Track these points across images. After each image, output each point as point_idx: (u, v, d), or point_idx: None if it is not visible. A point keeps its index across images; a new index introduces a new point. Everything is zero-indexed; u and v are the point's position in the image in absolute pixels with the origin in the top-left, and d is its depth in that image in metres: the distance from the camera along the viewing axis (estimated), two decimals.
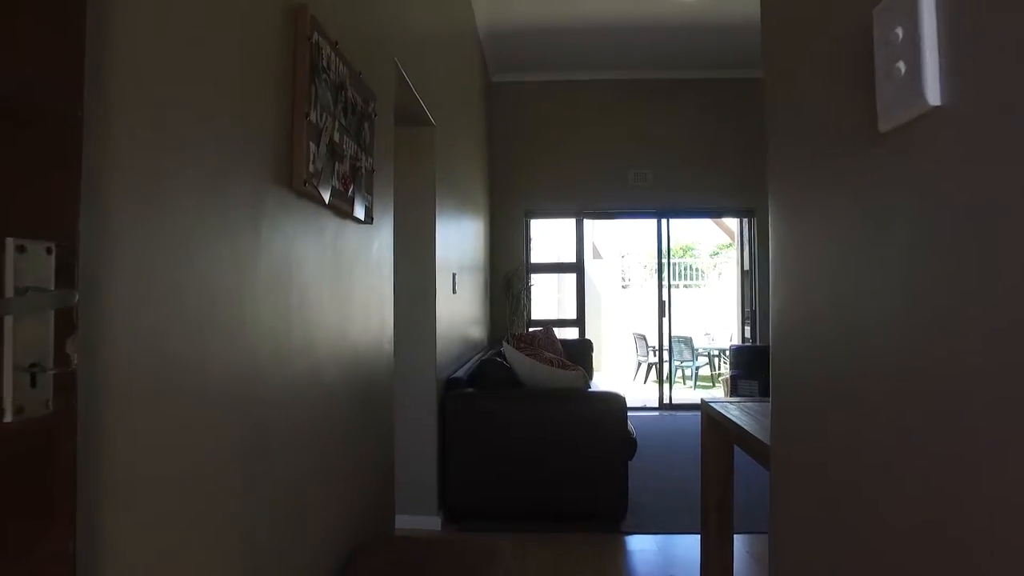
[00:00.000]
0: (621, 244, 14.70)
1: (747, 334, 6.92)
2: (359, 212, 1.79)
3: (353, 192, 1.73)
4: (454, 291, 3.86)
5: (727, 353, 10.18)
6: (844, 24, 0.75)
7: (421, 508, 3.24)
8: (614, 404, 3.21)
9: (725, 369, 10.15)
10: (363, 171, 1.79)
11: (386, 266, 2.24)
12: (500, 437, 3.26)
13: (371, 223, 1.93)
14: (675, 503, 3.71)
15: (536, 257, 7.44)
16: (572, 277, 7.06)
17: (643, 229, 14.12)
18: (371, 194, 1.92)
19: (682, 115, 6.78)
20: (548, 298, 8.27)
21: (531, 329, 6.59)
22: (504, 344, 3.52)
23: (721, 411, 2.09)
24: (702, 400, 2.31)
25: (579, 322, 6.97)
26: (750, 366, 6.21)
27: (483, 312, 5.95)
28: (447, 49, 3.87)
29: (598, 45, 6.17)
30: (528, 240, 7.05)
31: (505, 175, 6.84)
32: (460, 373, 3.66)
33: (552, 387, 3.37)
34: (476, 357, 4.65)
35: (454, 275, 3.86)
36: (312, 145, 1.41)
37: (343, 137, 1.64)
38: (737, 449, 2.25)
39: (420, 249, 3.23)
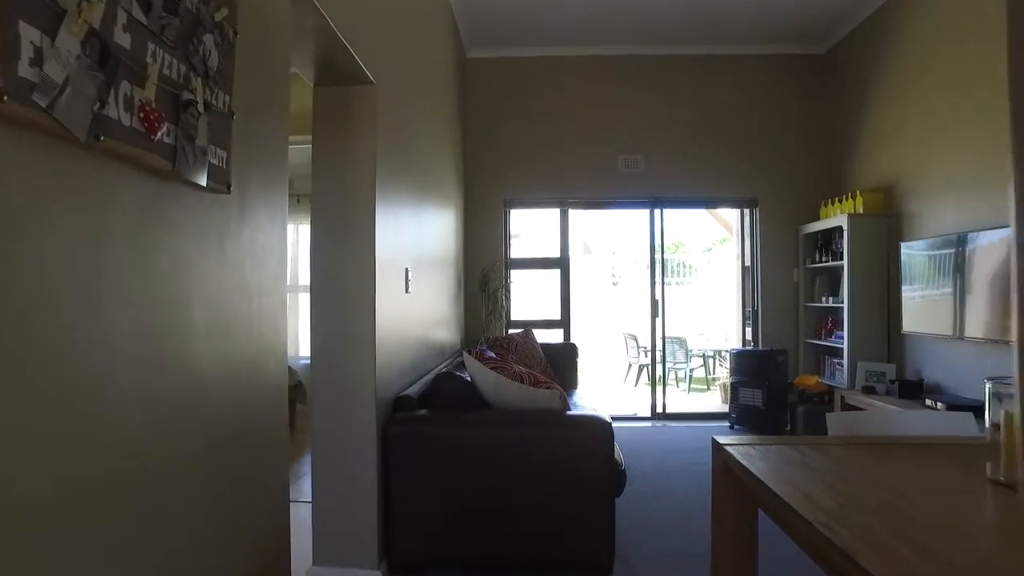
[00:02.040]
0: (611, 239, 14.11)
1: (748, 336, 6.31)
2: (194, 173, 1.15)
3: (177, 139, 1.09)
4: (407, 289, 3.22)
5: (723, 355, 9.61)
6: None
7: (358, 559, 2.60)
8: (598, 431, 2.59)
9: (720, 372, 9.58)
10: (199, 109, 1.15)
11: (275, 257, 1.61)
12: (457, 470, 2.63)
13: (227, 191, 1.30)
14: (673, 543, 3.09)
15: (519, 252, 6.82)
16: (556, 273, 6.43)
17: (634, 223, 13.53)
18: (227, 149, 1.28)
19: (678, 95, 6.16)
20: (531, 297, 7.66)
21: (510, 331, 5.99)
22: (464, 355, 2.89)
23: (743, 462, 1.46)
24: (714, 441, 1.69)
25: (564, 323, 6.35)
26: (753, 372, 5.60)
27: (455, 312, 5.32)
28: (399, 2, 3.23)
29: (585, 18, 5.53)
30: (508, 232, 6.42)
31: (482, 160, 6.21)
32: (413, 390, 3.03)
33: (522, 408, 2.75)
34: (439, 366, 4.02)
35: (407, 270, 3.22)
36: (32, 31, 0.78)
37: (143, 44, 1.00)
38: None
39: (353, 238, 2.59)
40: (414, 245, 3.50)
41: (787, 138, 6.10)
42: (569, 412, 2.70)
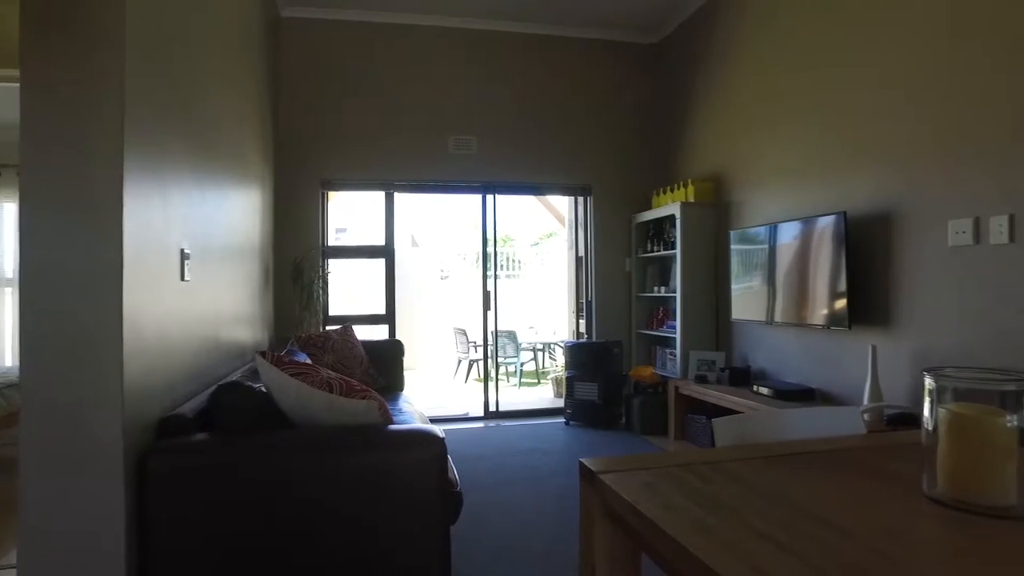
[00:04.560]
0: (439, 233, 13.69)
1: (582, 328, 6.15)
2: None
3: None
4: (184, 276, 2.51)
5: (552, 348, 9.55)
6: None
7: None
8: (428, 449, 2.09)
9: (551, 365, 9.51)
10: None
11: None
12: (247, 512, 2.00)
13: None
14: (514, 569, 2.69)
15: (343, 240, 6.12)
16: (381, 264, 5.83)
17: (463, 216, 13.21)
18: None
19: (513, 75, 5.83)
20: (353, 290, 7.00)
21: (328, 328, 5.34)
22: (257, 358, 2.25)
23: (638, 506, 1.04)
24: (583, 466, 1.26)
25: (389, 318, 5.77)
26: (588, 365, 5.42)
27: (261, 307, 4.55)
28: None
29: None
30: (325, 217, 5.72)
31: (296, 135, 5.45)
32: (189, 407, 2.33)
33: (334, 424, 2.18)
34: (235, 373, 3.30)
35: (184, 252, 2.51)
36: None
37: None
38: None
39: (87, 207, 1.86)
40: (197, 223, 2.77)
41: (621, 125, 6.01)
42: (392, 427, 2.17)
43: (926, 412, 1.08)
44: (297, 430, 2.17)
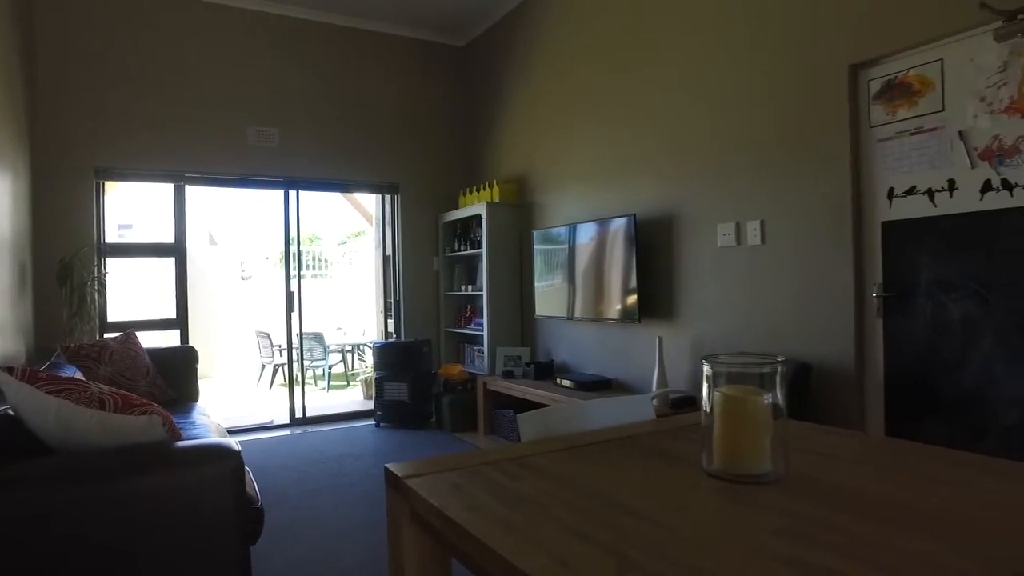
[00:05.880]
0: (239, 230, 12.78)
1: (391, 328, 6.07)
2: None
3: None
4: None
5: (361, 349, 9.32)
6: None
7: None
8: (223, 465, 1.91)
9: (360, 366, 9.28)
10: None
11: None
12: None
13: None
14: None
15: (127, 236, 5.45)
16: (171, 263, 5.29)
17: (265, 213, 12.45)
18: None
19: (318, 66, 5.58)
20: (136, 292, 6.27)
21: (106, 336, 4.75)
22: (0, 374, 1.91)
23: (448, 512, 1.02)
24: (388, 472, 1.22)
25: (181, 322, 5.26)
26: (397, 366, 5.35)
27: (13, 314, 3.90)
28: None
29: None
30: (102, 211, 5.06)
31: (63, 115, 4.77)
32: None
33: (109, 447, 1.92)
34: None
35: None
36: None
37: None
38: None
39: None
40: None
41: (429, 125, 6.02)
42: (180, 443, 1.96)
43: (704, 396, 1.19)
44: (55, 457, 1.88)
